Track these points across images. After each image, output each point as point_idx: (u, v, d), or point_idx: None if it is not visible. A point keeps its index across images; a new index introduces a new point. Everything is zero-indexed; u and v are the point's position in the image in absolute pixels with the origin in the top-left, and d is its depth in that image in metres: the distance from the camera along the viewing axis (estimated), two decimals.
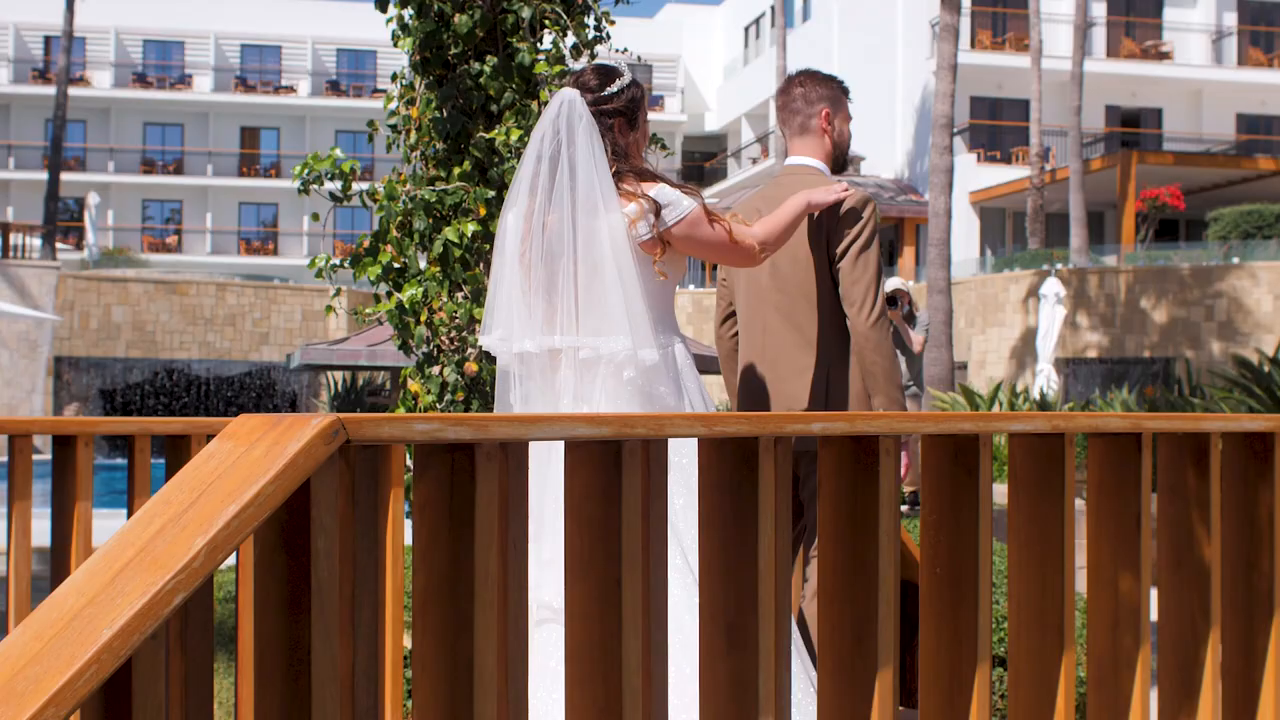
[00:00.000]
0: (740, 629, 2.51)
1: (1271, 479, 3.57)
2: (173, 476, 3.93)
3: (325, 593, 1.99)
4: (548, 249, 3.93)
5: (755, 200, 4.75)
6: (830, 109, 4.69)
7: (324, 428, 1.92)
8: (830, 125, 4.68)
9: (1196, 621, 3.45)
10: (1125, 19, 43.08)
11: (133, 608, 1.77)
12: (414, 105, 6.54)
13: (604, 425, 2.22)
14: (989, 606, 2.87)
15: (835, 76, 4.77)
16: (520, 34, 6.36)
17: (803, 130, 4.70)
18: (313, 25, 55.35)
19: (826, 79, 4.75)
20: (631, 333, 3.84)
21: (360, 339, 15.70)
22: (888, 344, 4.50)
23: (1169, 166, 36.28)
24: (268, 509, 1.87)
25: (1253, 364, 12.62)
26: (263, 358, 32.07)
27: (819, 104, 4.69)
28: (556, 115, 3.96)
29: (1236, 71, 42.58)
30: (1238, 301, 27.73)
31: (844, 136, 4.72)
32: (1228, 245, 30.75)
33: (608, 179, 3.92)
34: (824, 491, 2.72)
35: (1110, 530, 3.28)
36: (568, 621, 2.38)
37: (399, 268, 6.54)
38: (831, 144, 4.70)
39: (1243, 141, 42.75)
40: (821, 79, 4.75)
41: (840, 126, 4.71)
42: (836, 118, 4.70)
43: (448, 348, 6.43)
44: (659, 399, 3.89)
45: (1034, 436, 3.05)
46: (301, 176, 6.48)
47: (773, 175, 29.93)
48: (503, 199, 6.15)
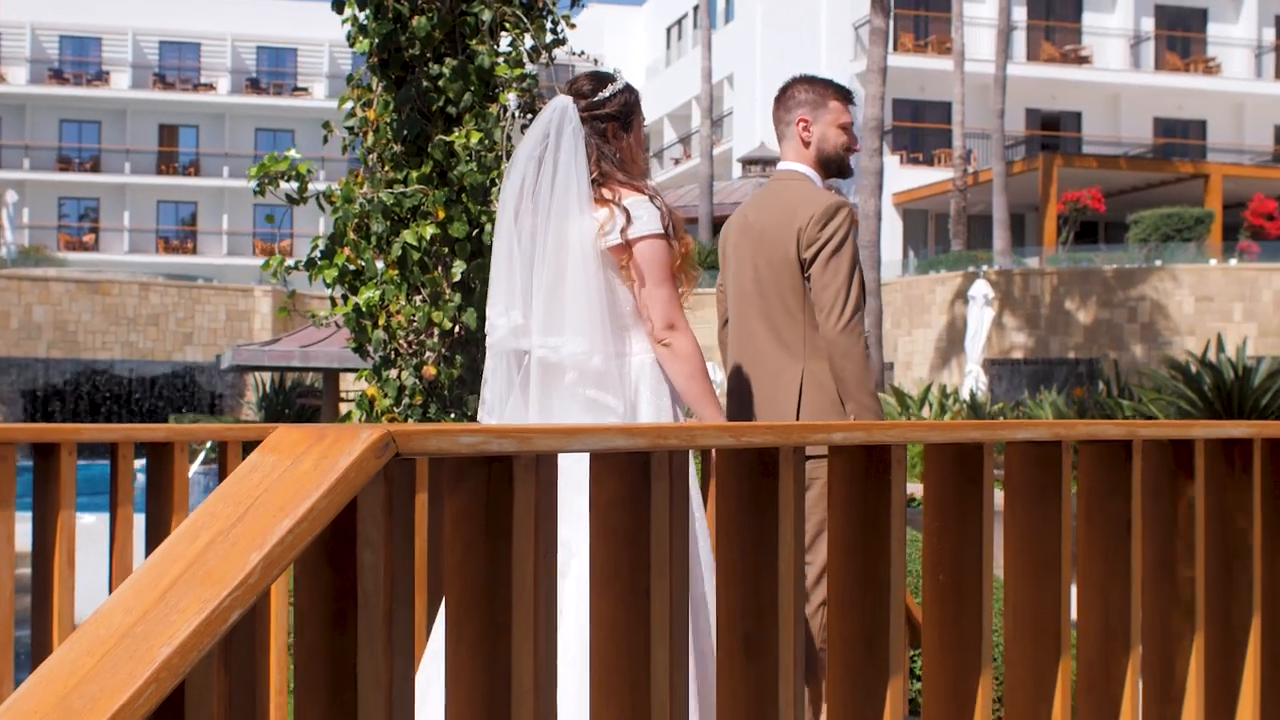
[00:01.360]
0: (758, 638, 2.52)
1: (1250, 486, 3.62)
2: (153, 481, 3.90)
3: (372, 606, 1.98)
4: (524, 251, 3.97)
5: (747, 208, 4.77)
6: (809, 116, 4.70)
7: (375, 441, 1.91)
8: (810, 132, 4.69)
9: (1179, 626, 3.50)
10: (1045, 23, 43.55)
11: (189, 625, 1.75)
12: (371, 107, 6.50)
13: (640, 436, 2.22)
14: (990, 614, 2.90)
15: (826, 81, 4.77)
16: (479, 36, 6.34)
17: (785, 137, 4.74)
18: (232, 22, 54.87)
19: (812, 84, 4.76)
20: (589, 336, 3.87)
21: (293, 340, 15.58)
22: (858, 350, 4.48)
23: (1089, 170, 36.71)
24: (321, 523, 1.86)
25: (1184, 366, 12.81)
26: (186, 358, 31.76)
27: (797, 110, 4.71)
28: (549, 121, 4.00)
29: (1154, 76, 43.16)
30: (1160, 304, 28.10)
31: (827, 143, 4.69)
32: (1149, 248, 31.15)
33: (585, 184, 3.95)
34: (834, 500, 2.73)
35: (1101, 536, 3.32)
36: (593, 631, 2.38)
37: (355, 270, 6.50)
38: (815, 150, 4.70)
39: (1160, 145, 43.35)
40: (807, 84, 4.76)
41: (823, 132, 4.69)
42: (818, 124, 4.69)
43: (406, 351, 6.40)
44: (603, 408, 3.90)
45: (1029, 444, 3.08)
46: (257, 178, 6.42)
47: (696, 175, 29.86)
48: (462, 201, 6.14)
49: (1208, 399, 12.18)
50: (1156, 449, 3.45)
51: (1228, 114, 44.10)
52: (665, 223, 4.00)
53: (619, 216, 3.94)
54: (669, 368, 3.97)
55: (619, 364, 3.94)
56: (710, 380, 4.08)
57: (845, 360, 4.49)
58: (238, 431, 3.98)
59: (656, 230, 3.96)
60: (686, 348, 3.97)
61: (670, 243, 4.01)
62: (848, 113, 4.75)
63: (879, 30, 22.49)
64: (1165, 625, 3.50)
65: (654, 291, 3.95)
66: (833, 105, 4.71)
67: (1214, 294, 27.84)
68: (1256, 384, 12.00)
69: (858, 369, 4.48)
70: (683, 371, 3.97)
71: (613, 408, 3.87)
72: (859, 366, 4.48)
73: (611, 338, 3.92)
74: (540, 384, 3.92)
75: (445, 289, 6.40)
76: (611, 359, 3.90)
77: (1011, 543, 3.12)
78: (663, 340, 3.96)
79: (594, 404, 3.88)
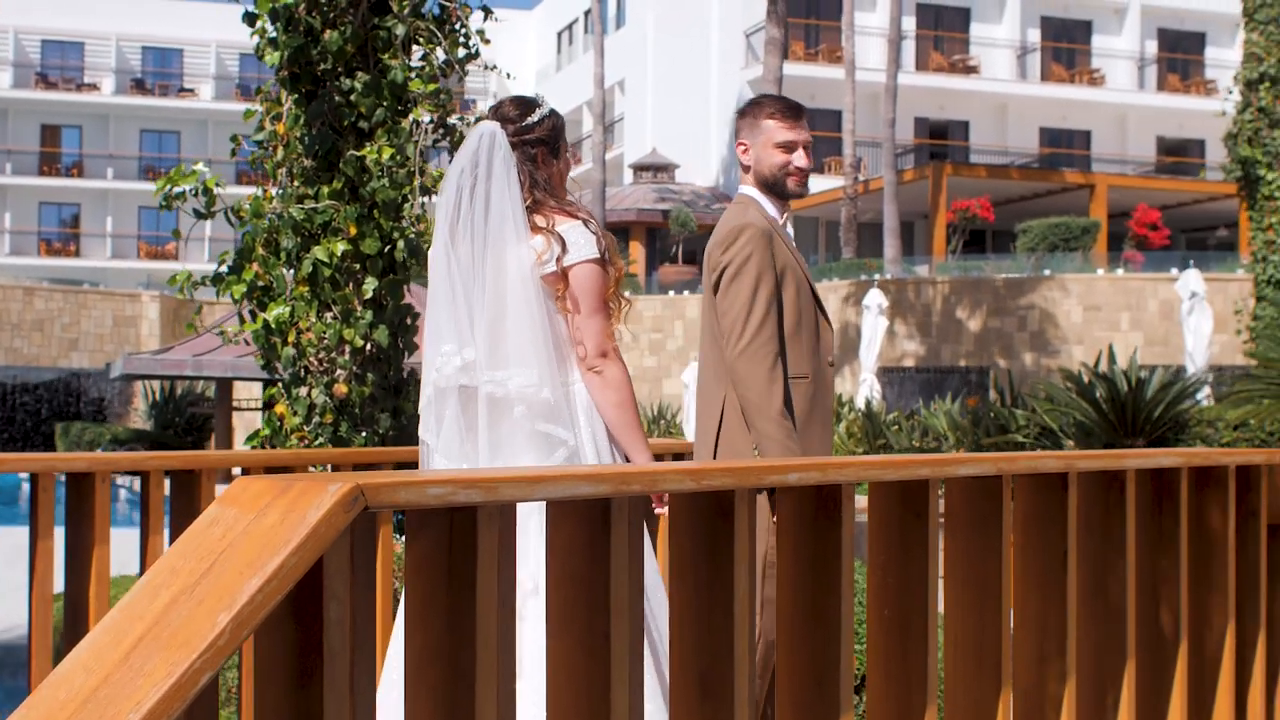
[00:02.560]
0: (714, 678, 2.50)
1: (1178, 513, 3.67)
2: (74, 510, 3.80)
3: (338, 662, 1.93)
4: (462, 282, 3.89)
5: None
6: (747, 139, 4.66)
7: (344, 495, 1.86)
8: (748, 155, 4.67)
9: (1112, 655, 3.53)
10: (934, 33, 44.04)
11: (159, 689, 1.69)
12: (281, 121, 6.41)
13: (604, 483, 2.19)
14: (935, 649, 2.90)
15: (767, 100, 4.72)
16: (392, 51, 6.28)
17: (737, 161, 4.74)
18: (117, 22, 54.02)
19: (752, 105, 4.71)
20: (537, 368, 3.83)
21: (185, 348, 15.36)
22: (755, 377, 4.43)
23: (978, 179, 37.16)
24: (290, 581, 1.80)
25: (1078, 377, 12.98)
26: (72, 364, 31.17)
27: (740, 135, 4.71)
28: (476, 148, 3.92)
29: (1040, 86, 43.80)
30: (1049, 313, 28.50)
31: (763, 164, 4.61)
32: (1036, 257, 31.57)
33: (520, 212, 3.89)
34: (783, 538, 2.72)
35: (1037, 567, 3.34)
36: (550, 675, 2.34)
37: (264, 286, 6.41)
38: (754, 173, 4.67)
39: (1046, 155, 43.99)
40: (748, 106, 4.72)
41: (758, 154, 4.62)
42: (754, 146, 4.63)
43: (316, 369, 6.32)
44: (555, 441, 3.86)
45: (971, 478, 3.08)
46: (163, 191, 6.31)
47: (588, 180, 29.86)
48: (374, 218, 6.07)
49: (1102, 410, 12.35)
50: (1089, 479, 3.47)
51: (1112, 125, 44.88)
52: (601, 247, 3.96)
53: (554, 244, 3.89)
54: (598, 395, 3.94)
55: (567, 394, 3.91)
56: (638, 411, 4.05)
57: (742, 388, 4.44)
58: (160, 460, 3.89)
59: (592, 255, 3.93)
60: (617, 376, 3.94)
61: (606, 268, 3.97)
62: (789, 130, 4.63)
63: (775, 40, 22.59)
64: (1098, 653, 3.53)
65: (588, 319, 3.91)
66: (766, 124, 4.62)
67: (1101, 303, 28.29)
68: (1150, 396, 12.18)
69: (755, 397, 4.43)
70: (612, 400, 3.93)
71: (564, 440, 3.83)
72: (756, 394, 4.42)
73: (558, 369, 3.88)
74: (488, 420, 3.85)
75: (357, 306, 6.32)
76: (560, 389, 3.86)
77: (952, 574, 3.13)
78: (595, 368, 3.93)
79: (545, 438, 3.83)
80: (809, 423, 4.60)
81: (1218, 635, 3.89)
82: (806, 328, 4.62)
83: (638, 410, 4.05)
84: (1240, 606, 4.00)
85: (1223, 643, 3.87)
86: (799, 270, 4.63)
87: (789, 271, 4.58)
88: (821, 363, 4.68)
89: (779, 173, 4.63)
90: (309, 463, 4.53)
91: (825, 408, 4.67)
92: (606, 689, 2.29)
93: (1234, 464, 3.89)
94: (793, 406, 4.55)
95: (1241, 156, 20.80)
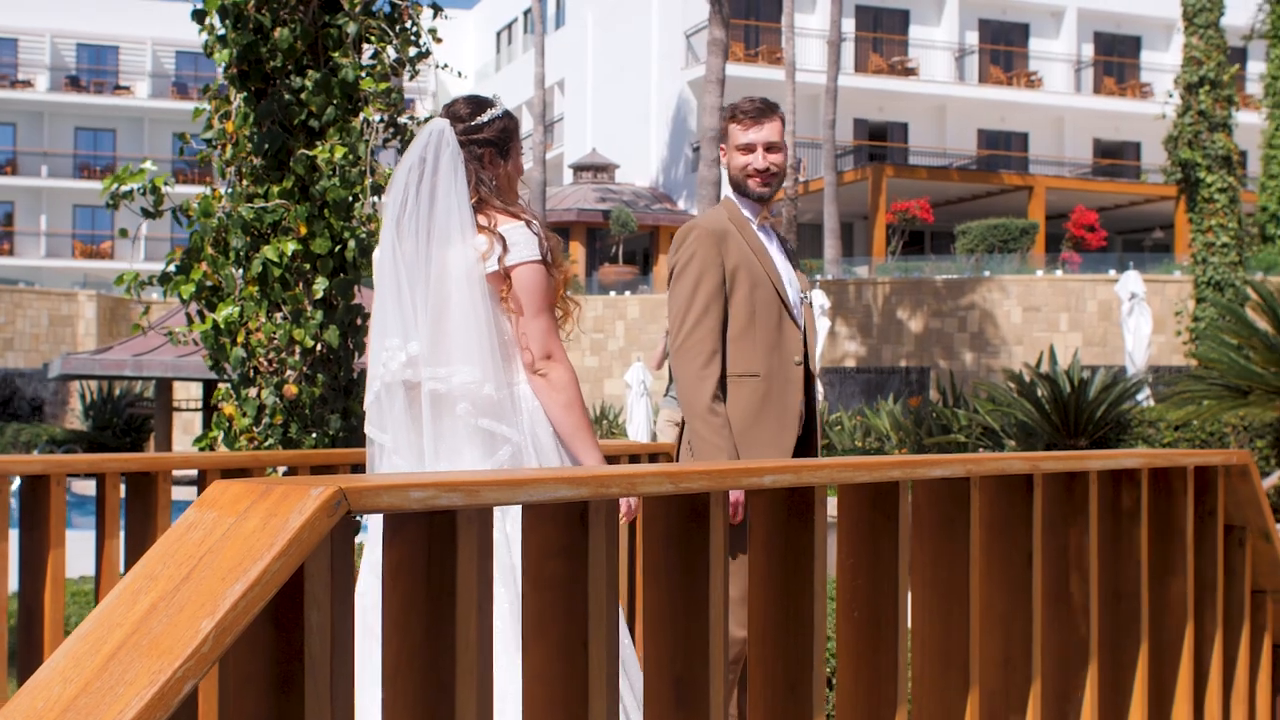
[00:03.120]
0: (689, 683, 2.48)
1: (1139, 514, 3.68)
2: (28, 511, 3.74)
3: (318, 668, 1.90)
4: (407, 277, 3.86)
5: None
6: (724, 144, 4.79)
7: (327, 499, 1.83)
8: (724, 160, 4.77)
9: (1075, 655, 3.54)
10: (873, 35, 44.21)
11: (141, 698, 1.65)
12: (230, 119, 6.34)
13: (583, 485, 2.17)
14: (904, 650, 2.89)
15: (735, 104, 4.78)
16: (343, 49, 6.22)
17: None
18: (52, 18, 53.47)
19: (726, 111, 4.80)
20: (480, 364, 3.79)
21: (124, 348, 15.20)
22: (685, 375, 4.53)
23: (917, 180, 37.34)
24: (274, 586, 1.77)
25: (1021, 378, 13.06)
26: (7, 364, 30.79)
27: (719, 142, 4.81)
28: (425, 145, 3.90)
29: (978, 89, 44.05)
30: (989, 313, 28.67)
31: (730, 167, 4.75)
32: (976, 258, 31.76)
33: (467, 210, 3.86)
34: (755, 541, 2.70)
35: (1000, 568, 3.34)
36: (525, 683, 2.32)
37: (213, 286, 6.34)
38: (729, 176, 4.76)
39: (984, 156, 44.25)
40: (723, 112, 4.82)
41: (728, 158, 4.76)
42: (727, 150, 4.77)
43: (266, 370, 6.25)
44: (499, 439, 3.83)
45: (938, 480, 3.08)
46: (110, 190, 6.23)
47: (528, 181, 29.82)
48: (324, 217, 6.02)
49: (1045, 411, 12.43)
50: (1051, 481, 3.48)
51: (1049, 127, 45.20)
52: (543, 249, 3.93)
53: (496, 244, 3.87)
54: (544, 398, 3.90)
55: (511, 393, 3.87)
56: (587, 412, 4.01)
57: (678, 384, 4.54)
58: (117, 463, 3.83)
59: (535, 256, 3.89)
60: (563, 377, 3.90)
61: (549, 270, 3.94)
62: (746, 131, 4.70)
63: (718, 41, 22.61)
64: (1061, 653, 3.54)
65: (532, 320, 3.89)
66: (731, 129, 4.74)
67: (1041, 304, 28.48)
68: (1092, 396, 12.27)
69: (686, 393, 4.53)
70: (559, 401, 3.90)
71: (509, 437, 3.80)
72: (687, 391, 4.52)
73: (501, 367, 3.85)
74: (432, 417, 3.81)
75: (307, 306, 6.26)
76: (504, 387, 3.83)
77: (919, 577, 3.13)
78: (539, 370, 3.90)
79: (487, 435, 3.80)
80: (758, 421, 4.62)
81: (1176, 635, 3.90)
82: (763, 326, 4.64)
83: (586, 412, 3.99)
84: (1198, 606, 4.03)
85: (1181, 642, 3.89)
86: (759, 269, 4.64)
87: (742, 270, 4.62)
88: (784, 362, 4.68)
89: (740, 174, 4.73)
90: (267, 464, 4.49)
91: (783, 407, 4.67)
92: (584, 696, 2.27)
93: (1193, 464, 3.91)
94: (740, 405, 4.61)
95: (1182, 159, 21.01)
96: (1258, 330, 10.23)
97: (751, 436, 4.60)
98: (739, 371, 4.61)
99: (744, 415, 4.61)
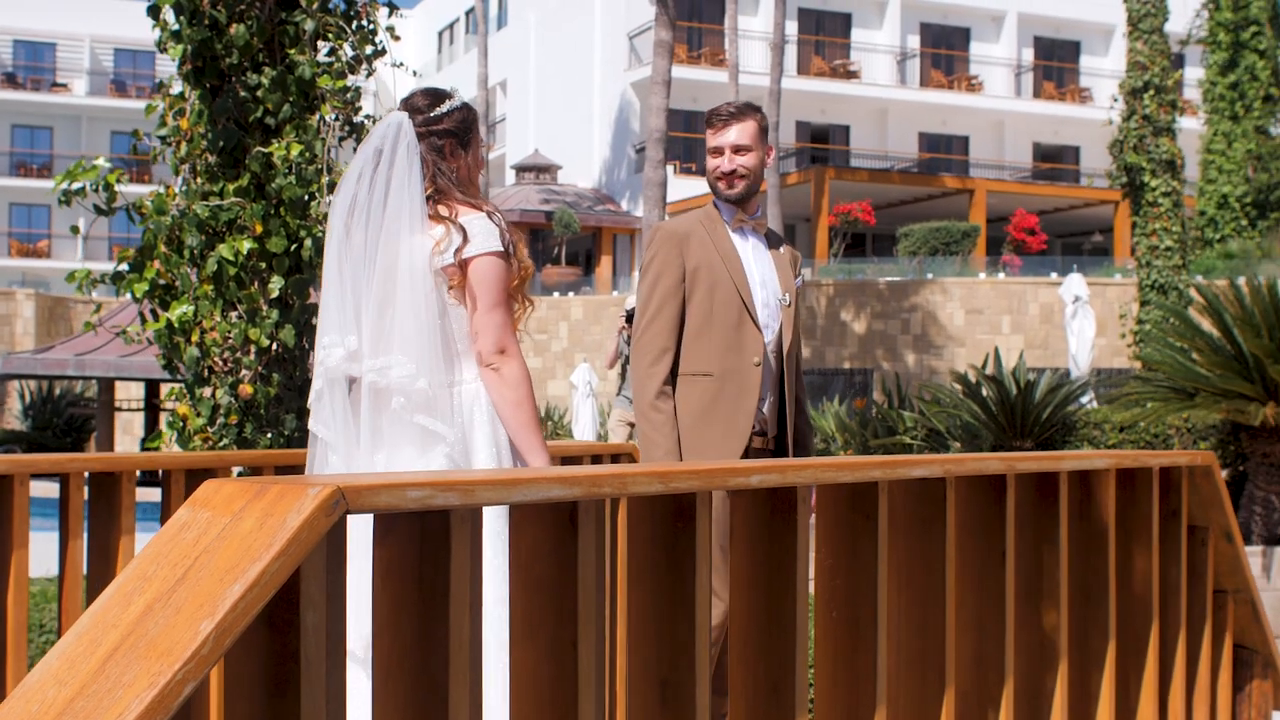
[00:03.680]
0: (675, 684, 2.47)
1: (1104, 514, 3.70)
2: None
3: (314, 670, 1.88)
4: (355, 272, 3.80)
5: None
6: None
7: (326, 499, 1.80)
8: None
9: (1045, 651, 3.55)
10: (815, 38, 44.33)
11: (141, 701, 1.62)
12: (184, 116, 6.28)
13: (575, 485, 2.15)
14: (884, 650, 2.89)
15: (715, 108, 4.82)
16: (300, 46, 6.17)
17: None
18: None
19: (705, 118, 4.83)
20: (416, 358, 3.74)
21: (66, 348, 15.05)
22: (635, 372, 4.70)
23: (859, 183, 37.48)
24: (273, 587, 1.75)
25: (968, 379, 13.12)
26: None
27: None
28: (382, 137, 3.86)
29: (919, 92, 44.25)
30: (932, 315, 28.82)
31: (707, 170, 4.82)
32: (918, 260, 31.92)
33: (419, 201, 3.81)
34: (738, 541, 2.69)
35: (974, 568, 3.34)
36: (513, 684, 2.30)
37: (166, 285, 6.27)
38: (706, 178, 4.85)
39: (925, 160, 44.47)
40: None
41: (706, 161, 4.82)
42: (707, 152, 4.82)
43: (220, 369, 6.19)
44: (431, 436, 3.77)
45: (913, 480, 3.08)
46: (62, 187, 6.16)
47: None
48: (280, 215, 5.97)
49: (991, 412, 12.49)
50: (1023, 482, 3.49)
51: (989, 131, 45.47)
52: (505, 240, 3.87)
53: (455, 234, 3.81)
54: (495, 393, 3.83)
55: (451, 392, 3.81)
56: (537, 411, 3.94)
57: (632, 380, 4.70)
58: (81, 462, 3.78)
59: (495, 248, 3.83)
60: (515, 374, 3.83)
61: (509, 262, 3.89)
62: (713, 136, 4.79)
63: (664, 42, 22.63)
64: (1030, 653, 3.55)
65: (488, 313, 3.81)
66: (707, 134, 4.77)
67: (983, 306, 28.66)
68: (1038, 398, 12.34)
69: (635, 389, 4.69)
70: (509, 398, 3.83)
71: (443, 435, 3.73)
72: (636, 387, 4.68)
73: (442, 363, 3.78)
74: (370, 411, 3.76)
75: (262, 305, 6.21)
76: (442, 385, 3.77)
77: (894, 578, 3.12)
78: (491, 364, 3.82)
79: (424, 432, 3.74)
80: (707, 421, 4.68)
81: (1142, 634, 3.92)
82: (721, 326, 4.68)
83: (536, 410, 3.92)
84: (1162, 606, 4.05)
85: (1147, 641, 3.91)
86: (721, 271, 4.67)
87: (702, 271, 4.68)
88: (741, 363, 4.70)
89: (710, 177, 4.82)
90: (233, 464, 4.44)
91: (734, 408, 4.69)
92: (573, 698, 2.25)
93: (1158, 465, 3.93)
94: (690, 403, 4.69)
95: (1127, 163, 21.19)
96: (1203, 333, 10.32)
97: (698, 434, 4.65)
98: (692, 370, 4.67)
99: (692, 413, 4.67)
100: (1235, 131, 33.06)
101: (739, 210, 4.78)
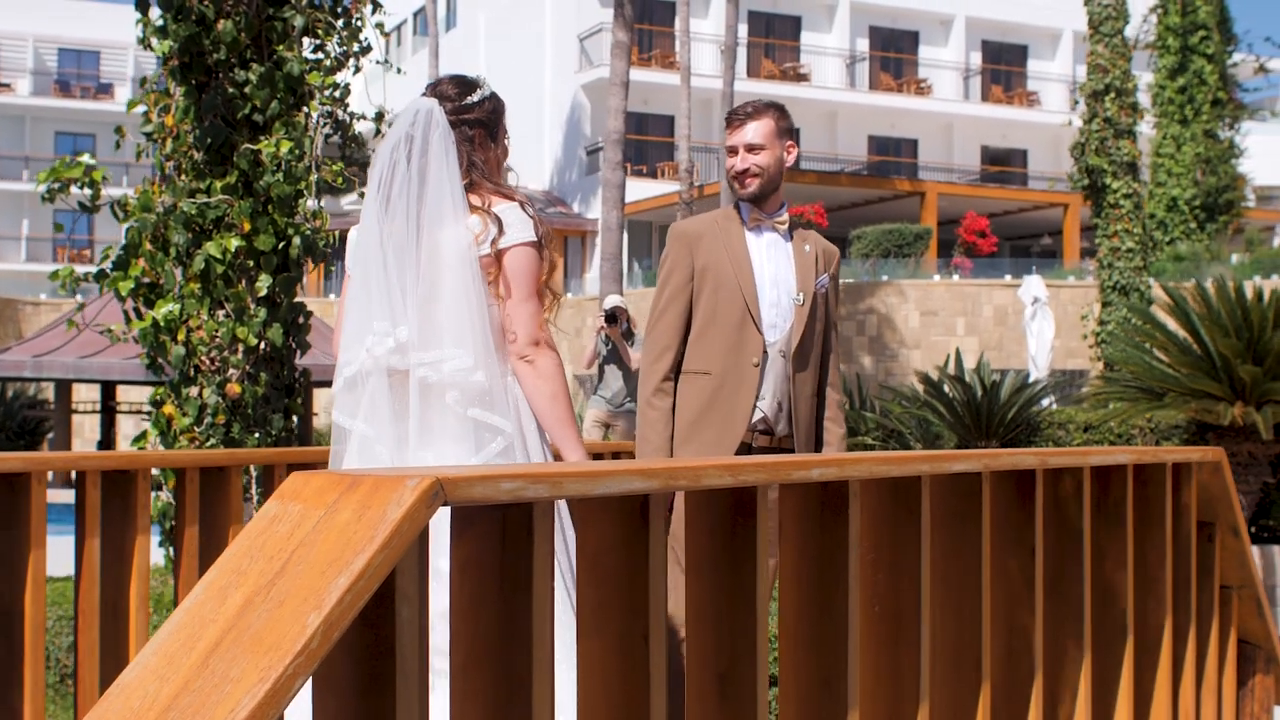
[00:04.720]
0: (733, 678, 2.45)
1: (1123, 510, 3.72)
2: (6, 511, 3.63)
3: (409, 666, 1.85)
4: (395, 260, 3.71)
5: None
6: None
7: (426, 490, 1.78)
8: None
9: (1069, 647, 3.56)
10: (765, 40, 44.44)
11: (254, 696, 1.59)
12: (170, 113, 6.22)
13: (653, 478, 2.13)
14: (928, 644, 2.88)
15: (735, 107, 4.83)
16: (288, 42, 6.12)
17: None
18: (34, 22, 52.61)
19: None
20: (472, 350, 3.65)
21: (23, 349, 14.86)
22: (642, 367, 4.85)
23: (810, 185, 37.57)
24: (377, 580, 1.72)
25: (932, 380, 13.18)
26: None
27: None
28: (411, 123, 3.76)
29: (869, 95, 44.43)
30: (887, 317, 28.92)
31: (726, 167, 4.86)
32: (871, 262, 32.03)
33: (459, 190, 3.72)
34: (787, 537, 2.68)
35: (1002, 562, 3.35)
36: (581, 677, 2.28)
37: (152, 283, 6.21)
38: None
39: (875, 162, 44.65)
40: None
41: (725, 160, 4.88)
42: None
43: (207, 368, 6.14)
44: (491, 431, 3.70)
45: (950, 475, 3.08)
46: (46, 183, 6.09)
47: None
48: (268, 213, 5.92)
49: (957, 413, 12.54)
50: (1049, 477, 3.50)
51: (938, 134, 45.71)
52: (539, 230, 3.80)
53: (491, 225, 3.75)
54: (530, 385, 3.74)
55: (501, 383, 3.74)
56: (572, 404, 3.88)
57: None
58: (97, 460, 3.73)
59: (530, 238, 3.76)
60: (550, 366, 3.75)
61: (542, 253, 3.83)
62: (731, 135, 4.81)
63: (621, 44, 22.61)
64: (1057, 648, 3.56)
65: (522, 304, 3.73)
66: (726, 133, 4.82)
67: (938, 309, 28.78)
68: (1003, 399, 12.40)
69: (639, 380, 4.82)
70: (545, 391, 3.74)
71: (500, 428, 3.65)
72: (639, 383, 4.81)
73: (495, 356, 3.70)
74: (420, 405, 3.69)
75: (250, 304, 6.15)
76: (496, 377, 3.70)
77: (930, 572, 3.12)
78: (526, 356, 3.73)
79: (479, 425, 3.66)
80: (703, 419, 4.71)
81: (1156, 629, 3.94)
82: (723, 326, 4.69)
83: (571, 403, 3.84)
84: (1174, 601, 4.07)
85: (1161, 636, 3.92)
86: (727, 271, 4.68)
87: (709, 271, 4.70)
88: (740, 364, 4.69)
89: (728, 177, 4.85)
90: (244, 463, 4.39)
91: (731, 407, 4.70)
92: (644, 691, 2.23)
93: (1171, 461, 3.95)
94: (688, 400, 4.73)
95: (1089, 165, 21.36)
96: (1169, 332, 10.39)
97: (694, 432, 4.68)
98: (693, 368, 4.71)
99: (689, 411, 4.72)
100: (1184, 135, 33.42)
101: (755, 209, 4.78)
